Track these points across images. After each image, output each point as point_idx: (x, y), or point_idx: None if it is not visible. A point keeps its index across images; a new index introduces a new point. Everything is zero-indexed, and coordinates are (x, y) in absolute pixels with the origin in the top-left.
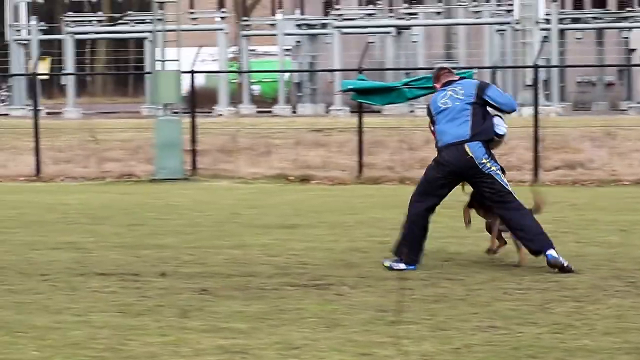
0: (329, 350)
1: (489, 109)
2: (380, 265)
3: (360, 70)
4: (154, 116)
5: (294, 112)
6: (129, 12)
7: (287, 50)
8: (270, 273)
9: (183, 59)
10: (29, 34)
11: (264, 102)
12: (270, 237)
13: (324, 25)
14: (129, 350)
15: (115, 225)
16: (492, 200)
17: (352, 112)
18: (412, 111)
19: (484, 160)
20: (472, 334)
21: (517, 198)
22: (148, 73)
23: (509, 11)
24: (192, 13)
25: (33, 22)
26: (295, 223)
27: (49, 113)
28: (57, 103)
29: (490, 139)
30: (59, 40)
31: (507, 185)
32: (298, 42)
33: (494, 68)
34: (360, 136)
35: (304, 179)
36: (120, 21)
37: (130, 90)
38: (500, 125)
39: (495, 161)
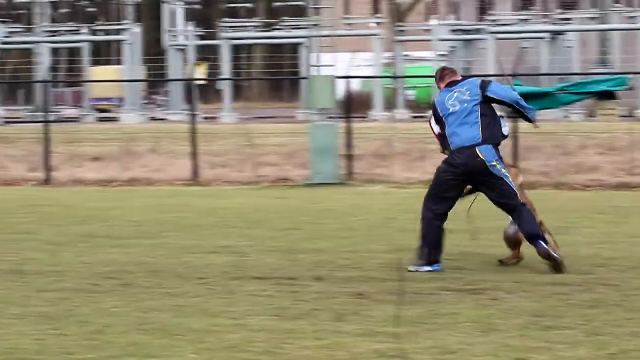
0: (485, 355)
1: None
2: (535, 270)
3: (514, 75)
4: (309, 121)
5: None
6: (285, 18)
7: (442, 55)
8: (425, 277)
9: (338, 64)
10: (186, 39)
11: (419, 107)
12: None
13: (478, 31)
14: (285, 353)
15: (271, 229)
16: (498, 203)
17: (506, 117)
18: (566, 116)
19: (494, 163)
20: (628, 340)
21: (519, 198)
22: (303, 78)
23: None
24: (347, 19)
25: (190, 27)
26: (450, 228)
27: (205, 118)
28: (213, 108)
29: (499, 142)
30: (216, 46)
31: (514, 186)
32: (452, 47)
33: None
34: (515, 141)
35: None
36: (276, 27)
37: (285, 95)
38: (505, 125)
39: (503, 163)
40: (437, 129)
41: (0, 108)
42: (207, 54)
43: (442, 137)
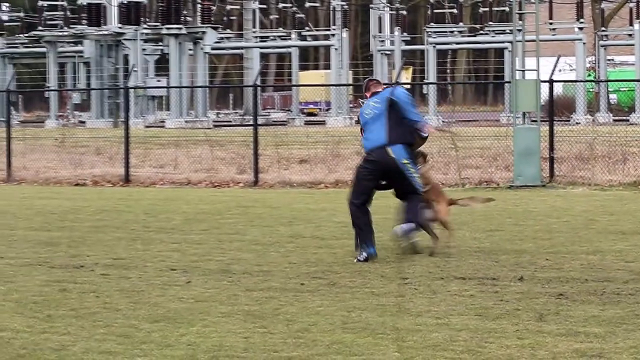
0: None
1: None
2: None
3: None
4: (512, 124)
5: None
6: (489, 23)
7: None
8: (626, 278)
9: (542, 68)
10: (392, 44)
11: (621, 111)
12: (626, 243)
13: None
14: (487, 352)
15: (474, 230)
16: (401, 194)
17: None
18: None
19: (404, 161)
20: None
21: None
22: (507, 82)
23: None
24: (551, 23)
25: (396, 33)
26: None
27: None
28: (418, 111)
29: (411, 143)
30: (421, 51)
31: (420, 187)
32: None
33: None
34: None
35: None
36: (480, 32)
37: (489, 98)
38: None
39: (415, 164)
40: None
41: (211, 111)
42: (412, 59)
43: None
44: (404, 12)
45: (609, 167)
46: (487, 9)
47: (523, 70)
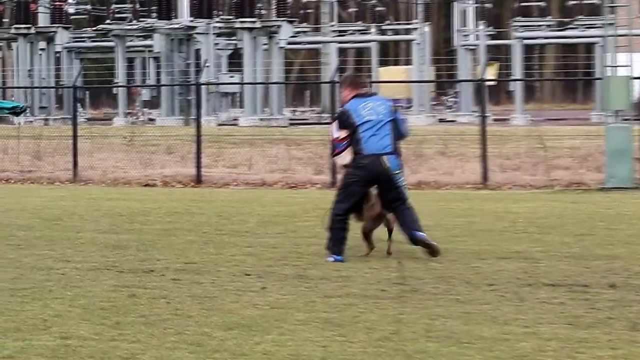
0: None
1: None
2: None
3: None
4: (603, 123)
5: None
6: (579, 17)
7: None
8: None
9: (634, 64)
10: (476, 39)
11: None
12: None
13: None
14: None
15: (564, 234)
16: (392, 203)
17: None
18: None
19: (397, 172)
20: None
21: (408, 201)
22: (598, 79)
23: None
24: None
25: (481, 27)
26: None
27: (495, 119)
28: (504, 109)
29: (400, 154)
30: (507, 46)
31: (406, 194)
32: None
33: None
34: None
35: None
36: (569, 26)
37: (579, 96)
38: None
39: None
40: (337, 133)
41: (286, 109)
42: (498, 54)
43: (338, 142)
44: (489, 5)
45: None
46: (576, 2)
47: (614, 67)
